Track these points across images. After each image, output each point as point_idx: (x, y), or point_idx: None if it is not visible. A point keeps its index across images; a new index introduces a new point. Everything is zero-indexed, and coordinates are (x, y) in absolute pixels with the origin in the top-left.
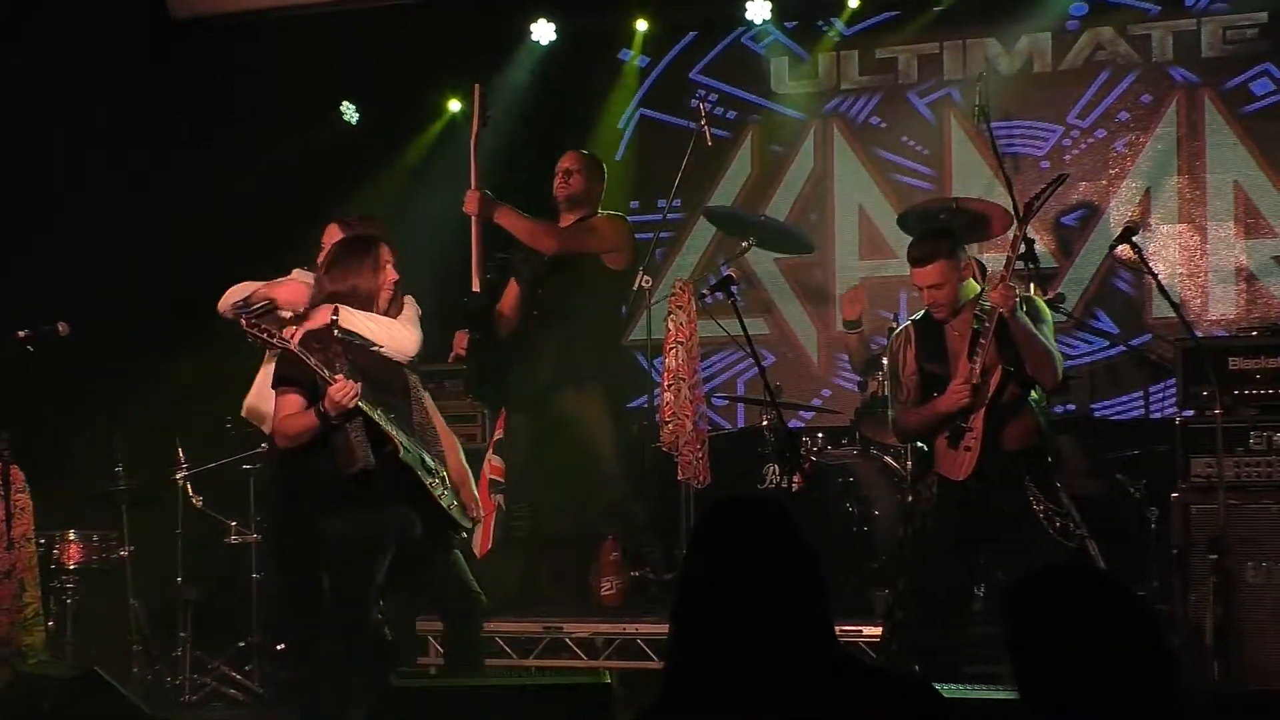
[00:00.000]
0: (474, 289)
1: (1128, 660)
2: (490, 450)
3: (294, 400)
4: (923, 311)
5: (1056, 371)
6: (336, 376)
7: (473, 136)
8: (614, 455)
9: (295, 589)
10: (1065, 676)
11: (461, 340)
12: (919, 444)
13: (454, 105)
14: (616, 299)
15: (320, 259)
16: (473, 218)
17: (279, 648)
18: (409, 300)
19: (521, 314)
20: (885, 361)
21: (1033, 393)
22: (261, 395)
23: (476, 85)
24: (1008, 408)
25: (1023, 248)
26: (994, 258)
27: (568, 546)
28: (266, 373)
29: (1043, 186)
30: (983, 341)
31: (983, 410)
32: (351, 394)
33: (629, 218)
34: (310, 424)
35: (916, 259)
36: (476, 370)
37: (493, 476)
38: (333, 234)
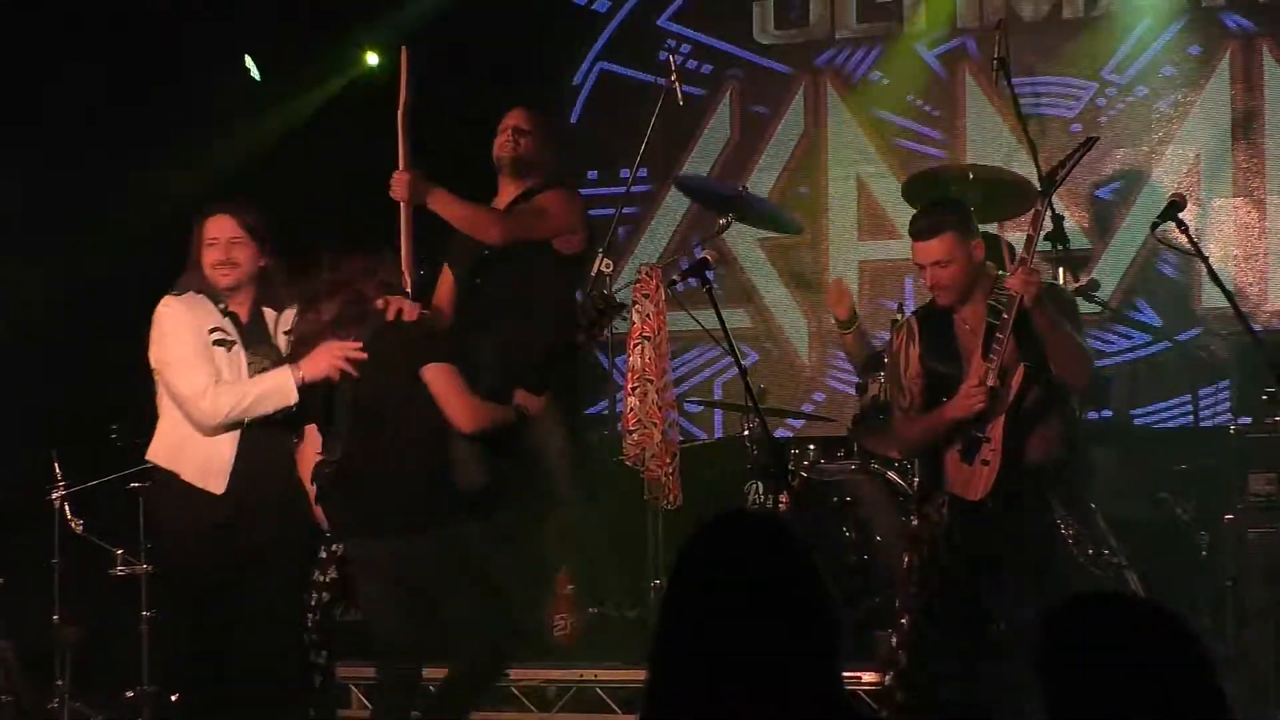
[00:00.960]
0: (405, 287)
1: (1174, 697)
2: None
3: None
4: (927, 302)
5: (1086, 371)
6: None
7: (399, 108)
8: (569, 471)
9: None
10: (1102, 711)
11: None
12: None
13: (371, 59)
14: (570, 287)
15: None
16: (402, 204)
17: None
18: None
19: (458, 309)
20: (886, 360)
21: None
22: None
23: (404, 48)
24: (1032, 414)
25: (1048, 225)
26: (1017, 237)
27: (512, 577)
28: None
29: (1069, 152)
30: (1000, 336)
31: (1002, 418)
32: None
33: (586, 190)
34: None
35: (918, 231)
36: None
37: None
38: (224, 225)
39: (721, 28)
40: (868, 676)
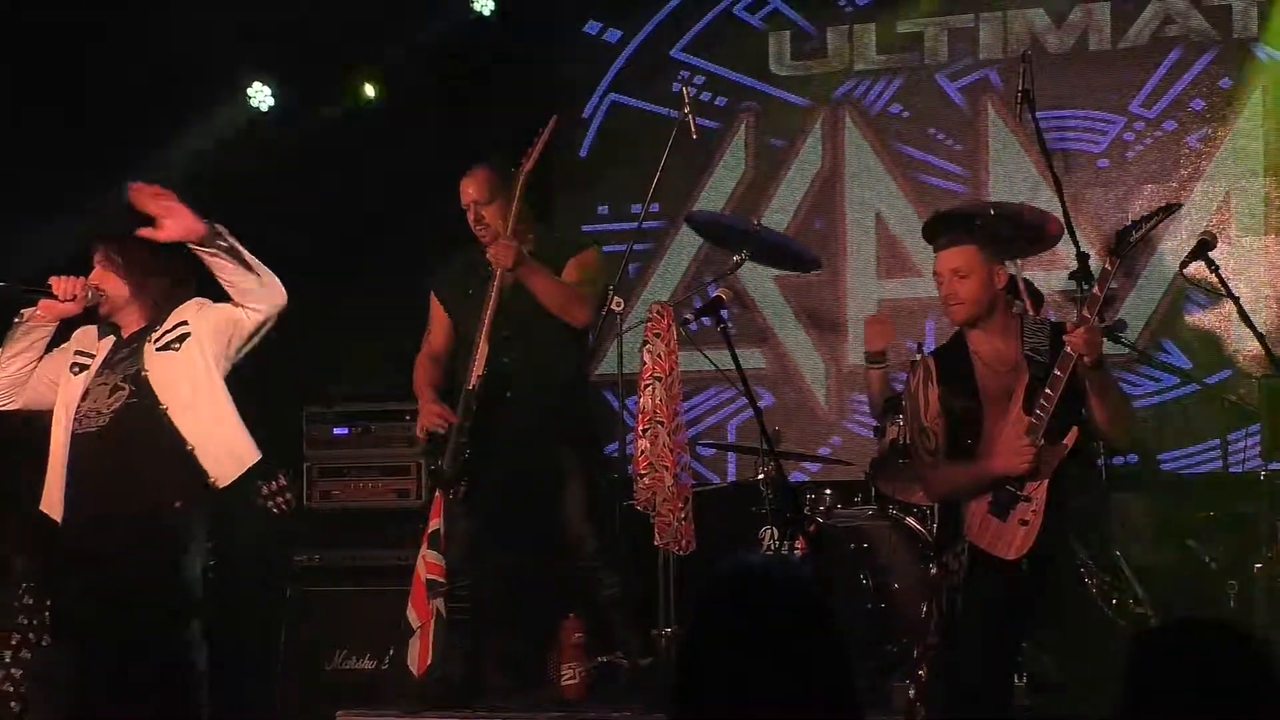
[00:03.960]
0: (475, 374)
1: None
2: (424, 544)
3: None
4: (945, 341)
5: (1132, 429)
6: None
7: (523, 172)
8: (584, 516)
9: None
10: None
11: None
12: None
13: (369, 90)
14: (585, 331)
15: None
16: (497, 272)
17: None
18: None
19: (489, 369)
20: (904, 403)
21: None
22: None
23: (555, 116)
24: (1076, 478)
25: (1113, 283)
26: (1038, 274)
27: (520, 625)
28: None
29: (1144, 216)
30: (1048, 392)
31: (1046, 481)
32: None
33: (596, 226)
34: None
35: (941, 241)
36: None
37: (430, 576)
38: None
39: (736, 59)
40: None
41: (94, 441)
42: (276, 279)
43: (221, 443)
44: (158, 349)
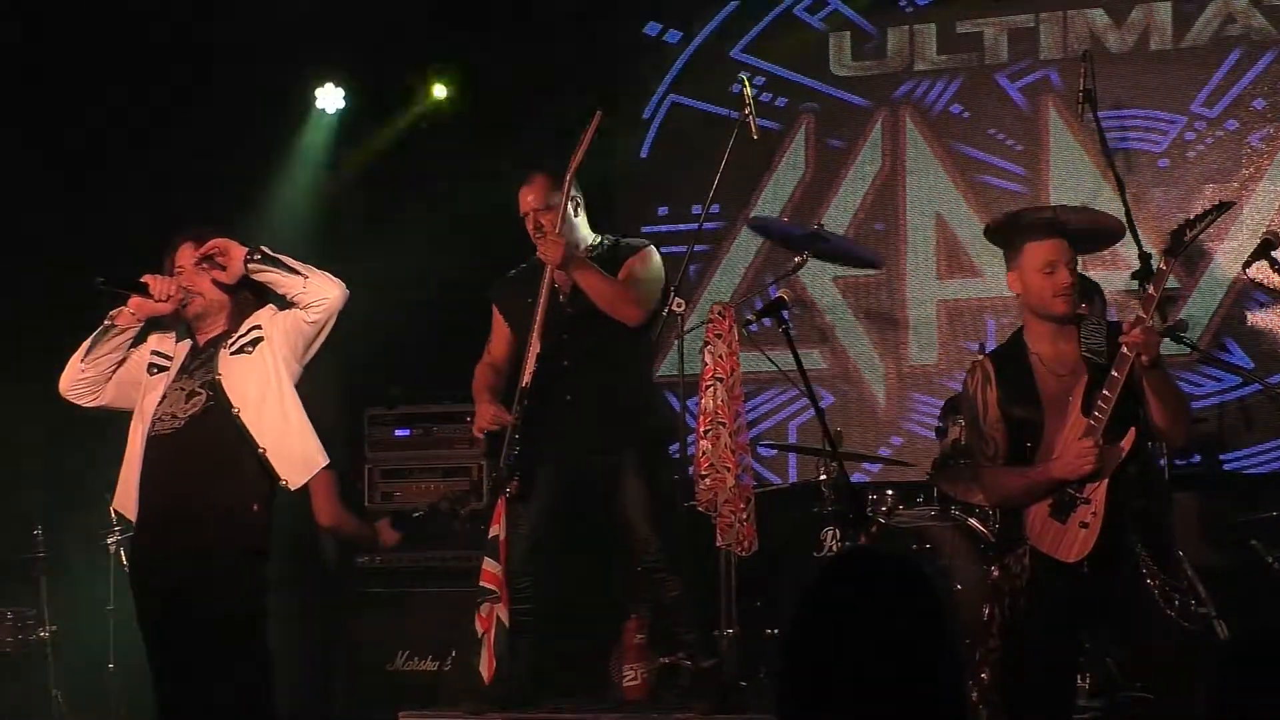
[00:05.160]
0: (529, 370)
1: None
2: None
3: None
4: (1004, 343)
5: (1189, 428)
6: None
7: (571, 168)
8: (647, 517)
9: None
10: None
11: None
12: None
13: (439, 91)
14: (646, 332)
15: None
16: (548, 269)
17: None
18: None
19: (541, 373)
20: (962, 405)
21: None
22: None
23: (599, 112)
24: (1134, 478)
25: (1175, 283)
26: (1099, 274)
27: (582, 627)
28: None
29: (1198, 215)
30: (1107, 393)
31: (1105, 482)
32: None
33: (656, 227)
34: None
35: (1037, 232)
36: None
37: (483, 584)
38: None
39: (796, 59)
40: None
41: (168, 444)
42: (325, 274)
43: (293, 445)
44: (231, 353)
